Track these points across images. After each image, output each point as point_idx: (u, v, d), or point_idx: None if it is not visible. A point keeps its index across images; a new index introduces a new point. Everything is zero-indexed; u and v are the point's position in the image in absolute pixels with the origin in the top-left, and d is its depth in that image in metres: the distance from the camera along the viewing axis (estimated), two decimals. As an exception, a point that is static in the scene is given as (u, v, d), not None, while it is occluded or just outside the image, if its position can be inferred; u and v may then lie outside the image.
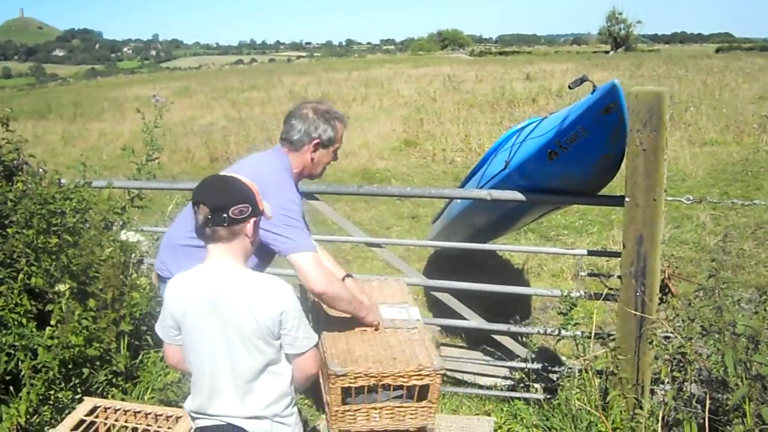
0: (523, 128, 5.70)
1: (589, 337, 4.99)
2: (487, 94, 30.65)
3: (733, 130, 19.25)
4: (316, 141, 4.31)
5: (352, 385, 3.88)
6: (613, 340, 4.88)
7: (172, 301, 3.43)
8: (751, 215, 11.32)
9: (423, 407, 4.04)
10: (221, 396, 3.37)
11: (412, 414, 4.07)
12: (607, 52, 79.93)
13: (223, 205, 3.26)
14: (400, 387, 3.96)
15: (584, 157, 4.68)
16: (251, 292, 3.30)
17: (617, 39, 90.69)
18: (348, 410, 3.99)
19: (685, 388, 4.61)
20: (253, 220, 3.39)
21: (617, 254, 4.88)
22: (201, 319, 3.33)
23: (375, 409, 4.02)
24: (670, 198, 4.82)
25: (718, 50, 75.76)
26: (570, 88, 4.85)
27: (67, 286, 5.11)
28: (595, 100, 4.43)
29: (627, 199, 4.56)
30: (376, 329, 4.31)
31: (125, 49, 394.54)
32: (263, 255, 4.13)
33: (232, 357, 3.33)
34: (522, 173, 5.16)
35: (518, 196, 5.19)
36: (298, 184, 4.45)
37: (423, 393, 3.99)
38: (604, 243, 10.45)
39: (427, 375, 3.90)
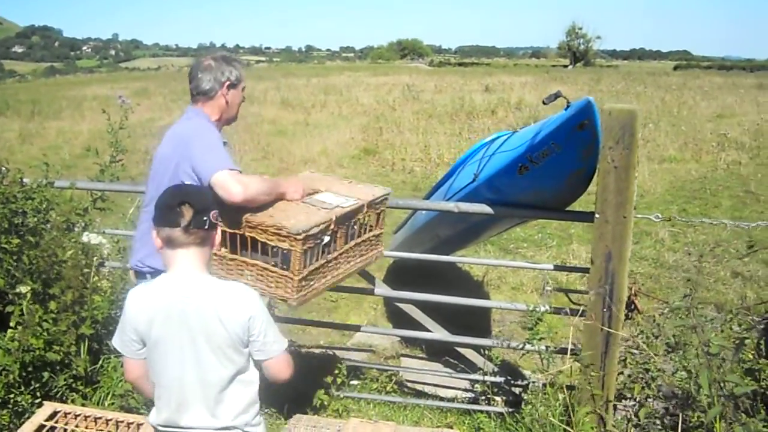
0: (492, 141, 5.69)
1: (555, 352, 4.99)
2: (446, 104, 30.83)
3: (691, 148, 19.53)
4: (226, 83, 4.56)
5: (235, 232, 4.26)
6: (579, 355, 4.88)
7: (135, 313, 3.31)
8: (709, 232, 11.44)
9: (283, 276, 4.22)
10: (191, 408, 3.32)
11: (273, 281, 4.30)
12: (566, 66, 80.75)
13: (205, 207, 3.26)
14: (276, 253, 4.22)
15: (555, 173, 4.67)
16: (219, 301, 3.25)
17: (576, 53, 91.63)
18: (224, 257, 4.38)
19: (648, 404, 4.63)
20: (220, 229, 3.42)
21: (584, 269, 4.90)
22: (168, 330, 3.26)
23: (246, 264, 4.35)
24: (639, 215, 4.82)
25: (676, 68, 76.77)
26: (544, 103, 4.82)
27: (29, 287, 5.03)
28: (569, 116, 4.41)
29: (597, 216, 4.56)
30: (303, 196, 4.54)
31: (85, 48, 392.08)
32: None
33: (201, 368, 3.27)
34: (491, 187, 5.13)
35: (487, 209, 5.16)
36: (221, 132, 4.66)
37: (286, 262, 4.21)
38: (563, 257, 10.51)
39: (286, 237, 4.07)
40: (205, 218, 3.24)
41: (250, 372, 3.42)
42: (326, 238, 4.29)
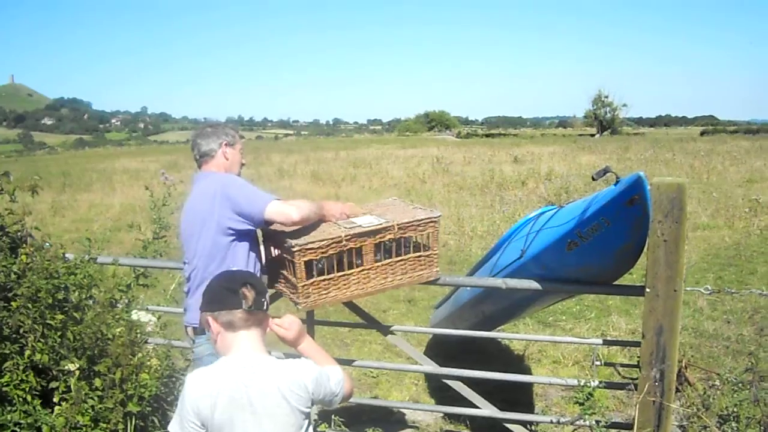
0: (537, 216, 5.69)
1: (606, 427, 4.96)
2: (476, 176, 30.73)
3: (723, 214, 19.41)
4: (223, 142, 5.12)
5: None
6: (632, 429, 4.85)
7: (197, 397, 3.29)
8: (747, 300, 11.29)
9: (294, 284, 4.94)
10: None
11: (293, 287, 5.02)
12: (593, 135, 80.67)
13: (263, 289, 3.44)
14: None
15: (604, 248, 4.68)
16: (281, 380, 3.28)
17: (603, 122, 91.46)
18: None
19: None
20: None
21: (632, 343, 4.89)
22: (232, 413, 3.25)
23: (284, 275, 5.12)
24: (689, 288, 4.81)
25: (702, 133, 76.75)
26: (593, 179, 4.85)
27: (77, 365, 5.04)
28: (619, 191, 4.42)
29: (647, 290, 4.58)
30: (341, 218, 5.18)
31: (113, 121, 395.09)
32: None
33: None
34: (539, 263, 5.16)
35: (535, 285, 5.19)
36: None
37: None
38: (603, 329, 10.39)
39: (288, 250, 4.86)
40: (263, 300, 3.38)
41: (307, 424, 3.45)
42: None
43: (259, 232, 5.12)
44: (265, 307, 3.41)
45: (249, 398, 3.25)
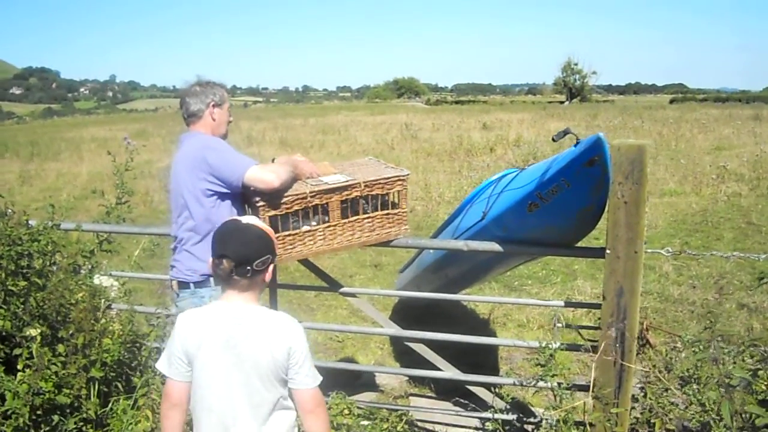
0: (499, 179, 5.68)
1: (568, 388, 4.97)
2: (444, 142, 30.77)
3: (691, 181, 19.49)
4: (211, 103, 5.20)
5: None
6: (593, 390, 4.87)
7: (186, 335, 3.50)
8: (713, 265, 11.37)
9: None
10: (238, 428, 3.45)
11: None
12: (562, 102, 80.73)
13: (247, 259, 3.45)
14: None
15: (565, 210, 4.67)
16: (267, 330, 3.46)
17: (572, 89, 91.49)
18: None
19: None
20: (272, 266, 3.61)
21: (594, 305, 4.90)
22: (216, 354, 3.42)
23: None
24: (650, 250, 4.82)
25: (672, 101, 76.86)
26: (553, 140, 4.84)
27: (38, 330, 5.02)
28: (579, 152, 4.41)
29: (608, 251, 4.58)
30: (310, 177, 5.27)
31: (82, 90, 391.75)
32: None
33: (249, 390, 3.43)
34: (500, 224, 5.15)
35: (496, 247, 5.18)
36: None
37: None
38: (568, 293, 10.44)
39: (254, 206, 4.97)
40: (247, 268, 3.44)
41: (289, 399, 3.58)
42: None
43: None
44: (249, 275, 3.47)
45: (235, 341, 3.41)
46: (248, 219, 3.72)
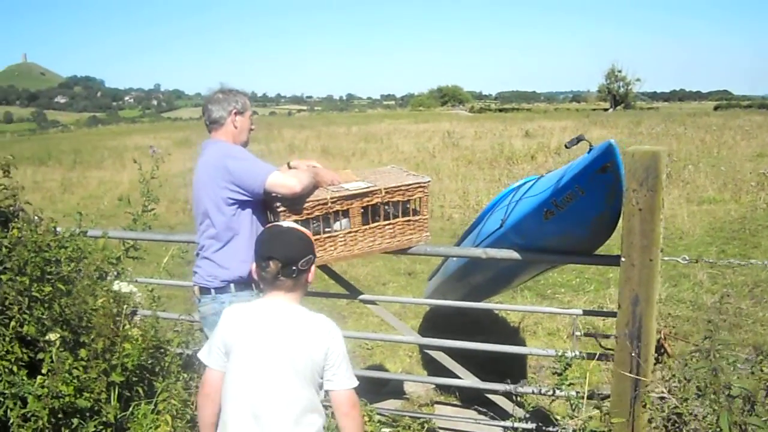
0: (519, 187, 5.66)
1: (583, 398, 4.93)
2: (485, 150, 30.77)
3: (731, 188, 19.31)
4: (233, 110, 5.20)
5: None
6: (607, 400, 4.84)
7: (227, 325, 3.70)
8: (749, 273, 11.24)
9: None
10: (268, 421, 3.51)
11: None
12: (606, 110, 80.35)
13: (292, 259, 3.62)
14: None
15: (580, 217, 4.65)
16: (307, 330, 3.60)
17: (616, 96, 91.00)
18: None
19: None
20: (314, 267, 3.80)
21: (613, 314, 4.84)
22: (255, 348, 3.57)
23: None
24: (666, 258, 4.76)
25: (716, 108, 76.18)
26: (566, 147, 4.86)
27: (58, 335, 5.06)
28: (591, 159, 4.41)
29: (623, 259, 4.52)
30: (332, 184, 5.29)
31: (127, 98, 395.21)
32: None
33: (283, 387, 3.52)
34: (518, 232, 5.14)
35: (514, 254, 5.17)
36: None
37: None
38: (600, 301, 10.38)
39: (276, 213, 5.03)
40: (293, 268, 3.61)
41: (321, 405, 3.67)
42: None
43: None
44: (294, 275, 3.62)
45: (274, 337, 3.57)
46: (288, 223, 3.95)
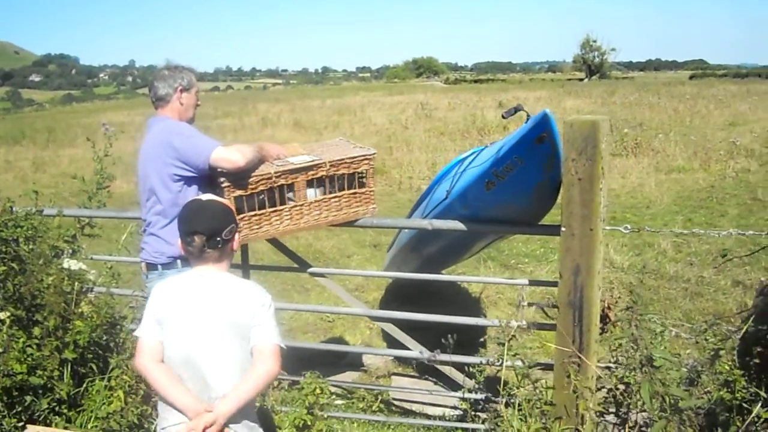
0: (466, 158, 5.68)
1: (530, 368, 4.93)
2: (458, 122, 30.71)
3: (700, 157, 19.39)
4: (179, 87, 5.22)
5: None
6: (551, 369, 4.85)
7: (158, 298, 3.85)
8: (714, 242, 11.25)
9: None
10: (214, 378, 3.72)
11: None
12: (581, 80, 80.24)
13: (216, 230, 3.75)
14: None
15: (521, 187, 4.65)
16: (236, 295, 3.78)
17: (591, 66, 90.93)
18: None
19: (630, 419, 4.56)
20: (237, 234, 3.95)
21: (556, 284, 4.84)
22: (191, 316, 3.71)
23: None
24: (607, 228, 4.74)
25: (691, 77, 76.41)
26: (503, 117, 4.87)
27: (8, 314, 5.06)
28: (527, 129, 4.40)
29: (563, 229, 4.53)
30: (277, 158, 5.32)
31: (102, 75, 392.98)
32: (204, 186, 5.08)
33: (223, 347, 3.71)
34: (463, 202, 5.14)
35: (458, 225, 5.18)
36: None
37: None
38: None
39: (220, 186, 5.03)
40: (218, 239, 3.76)
41: None
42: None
43: None
44: (219, 245, 3.77)
45: (207, 302, 3.72)
46: (207, 196, 4.01)
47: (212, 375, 3.71)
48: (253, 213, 5.14)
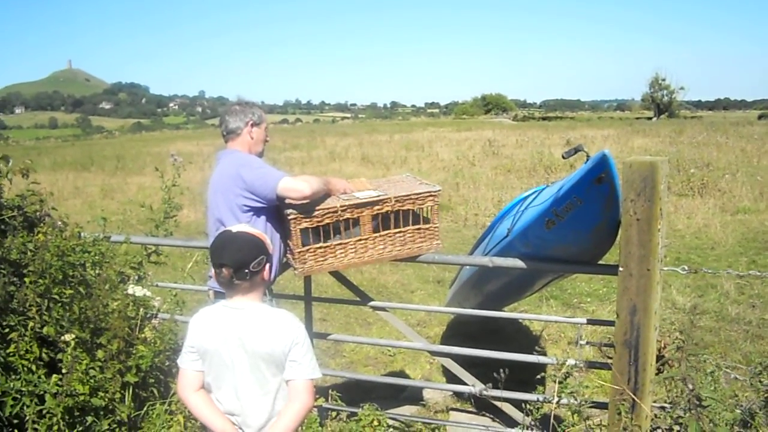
0: (527, 196, 5.74)
1: (586, 406, 4.94)
2: (525, 159, 30.61)
3: (767, 198, 19.17)
4: (250, 122, 5.41)
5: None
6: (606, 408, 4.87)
7: (195, 328, 3.96)
8: (778, 285, 11.16)
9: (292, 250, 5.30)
10: (247, 411, 3.88)
11: (293, 254, 5.33)
12: (650, 119, 79.65)
13: (243, 263, 3.78)
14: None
15: (580, 226, 4.69)
16: (268, 326, 3.82)
17: (660, 105, 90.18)
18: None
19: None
20: (268, 265, 3.94)
21: (614, 323, 4.86)
22: (226, 348, 3.82)
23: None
24: (665, 268, 4.76)
25: (760, 117, 75.36)
26: (563, 157, 4.93)
27: (73, 336, 5.18)
28: (587, 170, 4.45)
29: (621, 269, 4.55)
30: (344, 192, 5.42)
31: (171, 105, 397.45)
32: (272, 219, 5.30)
33: (258, 378, 3.84)
34: (523, 241, 5.18)
35: (518, 263, 5.22)
36: None
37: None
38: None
39: (286, 218, 5.17)
40: (245, 271, 3.78)
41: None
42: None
43: None
44: (248, 277, 3.80)
45: (242, 336, 3.80)
46: (238, 227, 4.02)
47: (247, 404, 3.86)
48: (318, 245, 5.21)
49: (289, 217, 5.07)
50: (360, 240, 5.32)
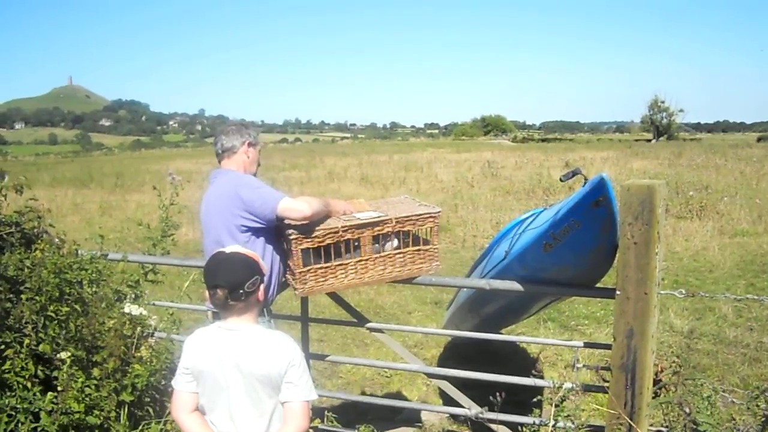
0: (525, 218, 5.74)
1: (582, 429, 4.94)
2: (524, 181, 30.70)
3: (765, 221, 19.17)
4: (246, 141, 5.46)
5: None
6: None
7: (189, 349, 3.96)
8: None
9: (293, 271, 5.29)
10: (246, 430, 3.88)
11: (293, 274, 5.32)
12: (649, 141, 79.76)
13: (238, 284, 3.77)
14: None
15: (578, 249, 4.69)
16: (263, 347, 3.82)
17: (659, 127, 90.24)
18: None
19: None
20: (262, 286, 3.96)
21: (611, 347, 4.85)
22: (221, 370, 3.81)
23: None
24: (662, 292, 4.76)
25: (759, 139, 75.51)
26: (561, 180, 4.93)
27: (69, 353, 5.17)
28: (585, 193, 4.45)
29: (618, 292, 4.55)
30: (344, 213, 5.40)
31: (171, 123, 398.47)
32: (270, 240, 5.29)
33: (253, 400, 3.84)
34: (521, 263, 5.17)
35: (516, 286, 5.20)
36: None
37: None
38: (623, 334, 10.31)
39: (286, 239, 5.19)
40: (240, 292, 3.78)
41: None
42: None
43: None
44: (242, 298, 3.80)
45: (237, 357, 3.79)
46: (232, 248, 4.01)
47: (242, 426, 3.86)
48: (319, 266, 5.21)
49: (291, 237, 5.06)
50: (360, 261, 5.32)
